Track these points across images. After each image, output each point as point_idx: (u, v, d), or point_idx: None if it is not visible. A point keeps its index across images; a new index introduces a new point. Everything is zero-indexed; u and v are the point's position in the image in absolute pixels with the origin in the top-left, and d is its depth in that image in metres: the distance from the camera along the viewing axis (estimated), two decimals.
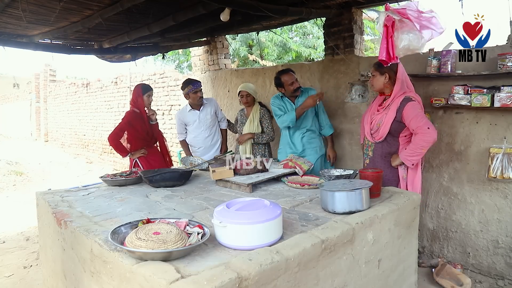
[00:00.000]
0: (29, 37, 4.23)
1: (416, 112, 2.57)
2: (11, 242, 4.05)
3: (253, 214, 1.49)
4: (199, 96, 3.82)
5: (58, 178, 8.10)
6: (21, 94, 16.08)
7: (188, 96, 3.83)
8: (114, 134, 3.63)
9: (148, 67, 14.12)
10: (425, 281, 2.88)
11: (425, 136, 2.52)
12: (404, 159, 2.62)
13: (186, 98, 3.91)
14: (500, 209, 2.86)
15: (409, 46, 2.32)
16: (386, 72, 2.69)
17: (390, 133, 2.68)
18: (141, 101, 3.67)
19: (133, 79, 8.18)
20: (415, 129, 2.56)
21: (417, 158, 2.59)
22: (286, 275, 1.35)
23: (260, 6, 3.12)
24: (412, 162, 2.61)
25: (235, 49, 9.95)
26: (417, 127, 2.54)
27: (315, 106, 3.44)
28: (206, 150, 3.95)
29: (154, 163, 3.68)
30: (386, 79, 2.71)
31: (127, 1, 3.02)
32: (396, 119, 2.63)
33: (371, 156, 2.82)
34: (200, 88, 3.85)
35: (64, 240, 1.85)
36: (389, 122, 2.65)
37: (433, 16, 2.32)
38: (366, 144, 2.89)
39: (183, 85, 3.86)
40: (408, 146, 2.63)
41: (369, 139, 2.83)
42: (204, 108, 3.91)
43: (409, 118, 2.57)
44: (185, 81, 3.88)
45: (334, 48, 3.89)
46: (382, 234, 1.89)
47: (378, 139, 2.74)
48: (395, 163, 2.68)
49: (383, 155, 2.75)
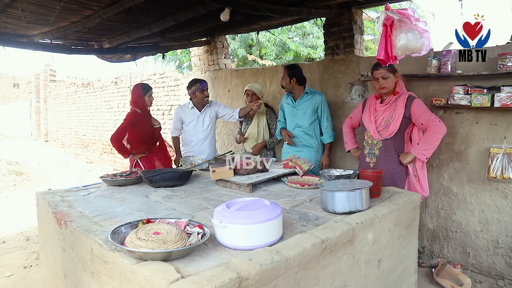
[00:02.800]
0: (29, 37, 4.23)
1: (424, 108, 2.67)
2: (11, 242, 4.05)
3: (253, 214, 1.49)
4: (205, 96, 3.76)
5: (58, 178, 8.10)
6: (21, 94, 16.09)
7: (195, 95, 3.76)
8: (117, 135, 3.61)
9: (148, 67, 14.13)
10: (425, 281, 2.88)
11: (439, 128, 2.59)
12: (419, 153, 2.65)
13: (191, 97, 3.82)
14: (500, 209, 2.86)
15: (407, 45, 2.32)
16: (396, 70, 2.75)
17: (399, 129, 2.72)
18: (143, 102, 3.67)
19: (133, 79, 8.18)
20: (425, 123, 2.62)
21: (431, 152, 2.64)
22: (286, 275, 1.35)
23: (260, 6, 3.12)
24: (426, 156, 2.65)
25: (234, 49, 9.96)
26: (428, 121, 2.61)
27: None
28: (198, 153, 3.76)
29: (155, 164, 3.68)
30: (397, 77, 2.76)
31: (127, 1, 3.02)
32: (405, 115, 2.69)
33: (378, 155, 2.83)
34: (207, 88, 3.80)
35: (64, 240, 1.85)
36: (399, 117, 2.70)
37: (426, 31, 2.34)
38: (370, 144, 2.89)
39: (190, 84, 3.80)
40: (421, 141, 2.67)
41: (376, 137, 2.83)
42: (205, 111, 3.83)
43: (417, 113, 2.65)
44: (192, 80, 3.83)
45: (334, 48, 3.89)
46: (382, 234, 1.89)
47: (388, 135, 2.76)
48: (407, 160, 2.70)
49: (392, 151, 2.77)
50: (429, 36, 2.37)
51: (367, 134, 2.92)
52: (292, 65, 3.68)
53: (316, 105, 3.51)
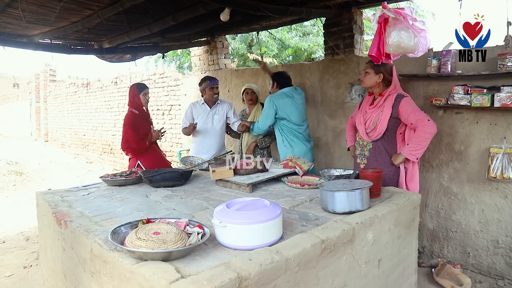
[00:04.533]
0: (29, 37, 4.24)
1: (413, 107, 2.60)
2: (11, 242, 4.05)
3: (253, 214, 1.49)
4: (215, 93, 3.86)
5: (58, 178, 8.10)
6: (21, 94, 16.09)
7: (205, 91, 3.87)
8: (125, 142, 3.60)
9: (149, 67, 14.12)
10: (425, 281, 2.88)
11: (427, 127, 2.53)
12: (408, 154, 2.60)
13: (202, 93, 3.93)
14: (500, 209, 2.86)
15: (399, 43, 2.30)
16: (382, 72, 2.69)
17: (387, 130, 2.68)
18: (138, 101, 3.66)
19: (133, 79, 8.18)
20: (414, 123, 2.56)
21: (421, 152, 2.59)
22: (286, 275, 1.35)
23: (260, 6, 3.13)
24: (417, 156, 2.60)
25: (235, 48, 9.95)
26: (417, 120, 2.55)
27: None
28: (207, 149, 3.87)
29: (155, 163, 3.67)
30: (379, 78, 2.71)
31: (127, 1, 3.02)
32: (392, 115, 2.64)
33: (368, 156, 2.80)
34: (217, 85, 3.89)
35: (64, 240, 1.85)
36: (386, 119, 2.65)
37: (423, 30, 2.33)
38: (360, 145, 2.87)
39: (202, 81, 3.92)
40: (410, 141, 2.62)
41: (364, 138, 2.81)
42: (216, 107, 3.91)
43: (406, 113, 2.58)
44: (203, 78, 3.96)
45: (334, 48, 3.89)
46: (382, 234, 1.89)
47: (375, 137, 2.73)
48: (398, 161, 2.67)
49: (382, 153, 2.73)
50: (426, 36, 2.35)
51: (358, 135, 2.91)
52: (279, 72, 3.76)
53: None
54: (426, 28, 2.36)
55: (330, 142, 4.06)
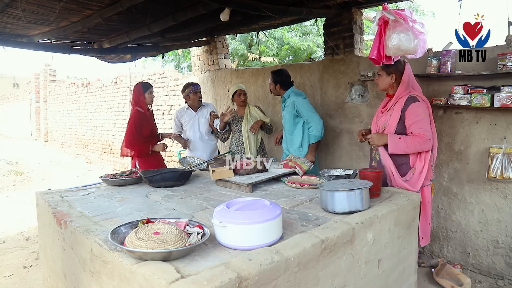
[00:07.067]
0: (29, 37, 4.23)
1: (421, 117, 2.48)
2: (11, 242, 4.05)
3: (253, 214, 1.49)
4: (198, 97, 4.01)
5: (58, 178, 8.10)
6: (21, 94, 16.09)
7: (189, 97, 4.01)
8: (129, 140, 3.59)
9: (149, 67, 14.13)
10: (425, 281, 2.87)
11: (424, 144, 2.46)
12: (391, 142, 2.49)
13: (186, 99, 4.07)
14: (500, 209, 2.86)
15: (399, 46, 2.31)
16: (393, 72, 2.60)
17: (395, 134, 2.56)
18: (143, 99, 3.67)
19: (133, 79, 8.18)
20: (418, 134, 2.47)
21: (402, 150, 2.49)
22: (286, 275, 1.35)
23: (260, 6, 3.13)
24: (396, 151, 2.50)
25: (235, 48, 9.95)
26: (420, 133, 2.46)
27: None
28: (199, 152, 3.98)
29: (154, 163, 3.67)
30: (392, 79, 2.62)
31: (127, 1, 3.02)
32: (401, 119, 2.54)
33: (378, 160, 2.70)
34: (199, 90, 4.05)
35: (64, 240, 1.85)
36: (394, 123, 2.56)
37: (422, 33, 2.33)
38: (373, 148, 2.77)
39: (184, 88, 4.07)
40: (403, 136, 2.51)
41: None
42: (201, 110, 4.06)
43: (410, 121, 2.49)
44: (185, 84, 4.10)
45: (334, 48, 3.89)
46: (382, 234, 1.89)
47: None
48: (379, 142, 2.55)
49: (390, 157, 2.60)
50: (425, 38, 2.36)
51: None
52: (277, 70, 3.71)
53: (294, 107, 3.47)
54: (425, 31, 2.36)
55: (330, 142, 4.06)
